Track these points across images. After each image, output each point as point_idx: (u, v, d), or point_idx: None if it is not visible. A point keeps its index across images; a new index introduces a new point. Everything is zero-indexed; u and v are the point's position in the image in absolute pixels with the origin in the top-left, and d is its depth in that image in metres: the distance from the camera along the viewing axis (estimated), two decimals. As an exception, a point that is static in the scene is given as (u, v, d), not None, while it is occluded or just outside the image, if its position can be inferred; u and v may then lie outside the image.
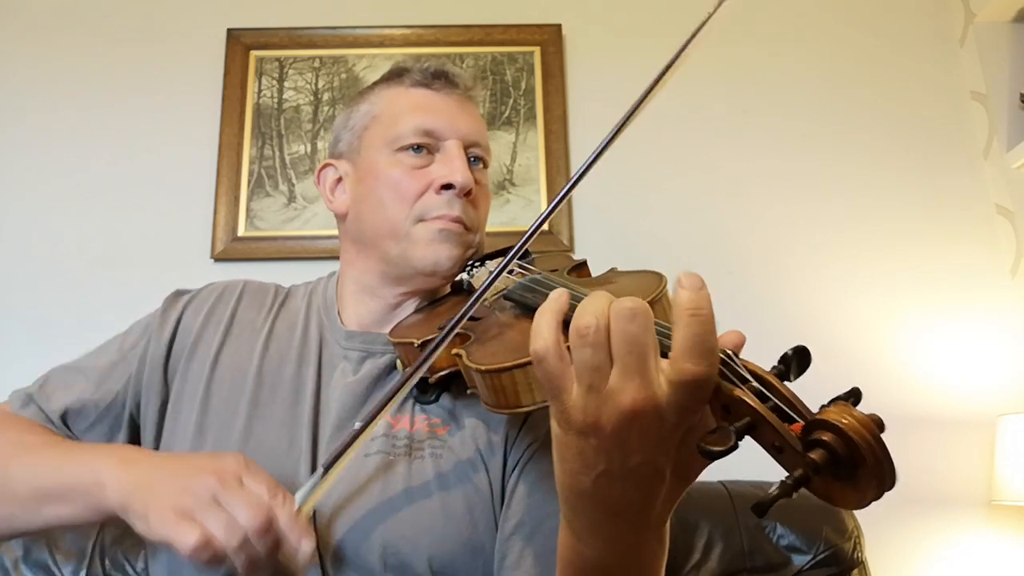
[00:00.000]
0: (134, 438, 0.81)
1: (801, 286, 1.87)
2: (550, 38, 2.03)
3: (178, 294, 0.88)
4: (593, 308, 0.44)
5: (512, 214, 1.89)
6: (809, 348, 0.46)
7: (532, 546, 0.68)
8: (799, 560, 1.41)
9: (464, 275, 0.83)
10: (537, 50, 2.02)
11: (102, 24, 2.02)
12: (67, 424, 0.78)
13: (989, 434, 1.68)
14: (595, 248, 1.86)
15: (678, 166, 1.96)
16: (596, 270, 0.83)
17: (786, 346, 0.48)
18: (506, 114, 1.97)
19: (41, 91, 1.96)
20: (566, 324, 0.46)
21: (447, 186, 0.79)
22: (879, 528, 1.63)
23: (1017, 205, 1.89)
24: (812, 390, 0.49)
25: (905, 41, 2.07)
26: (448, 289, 0.87)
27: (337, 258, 1.90)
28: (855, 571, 1.43)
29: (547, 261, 0.82)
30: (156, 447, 0.78)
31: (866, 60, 2.05)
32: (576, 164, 1.94)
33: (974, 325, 1.85)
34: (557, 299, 0.47)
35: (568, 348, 0.45)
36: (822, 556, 1.41)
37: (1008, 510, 1.69)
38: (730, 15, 2.16)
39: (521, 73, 2.01)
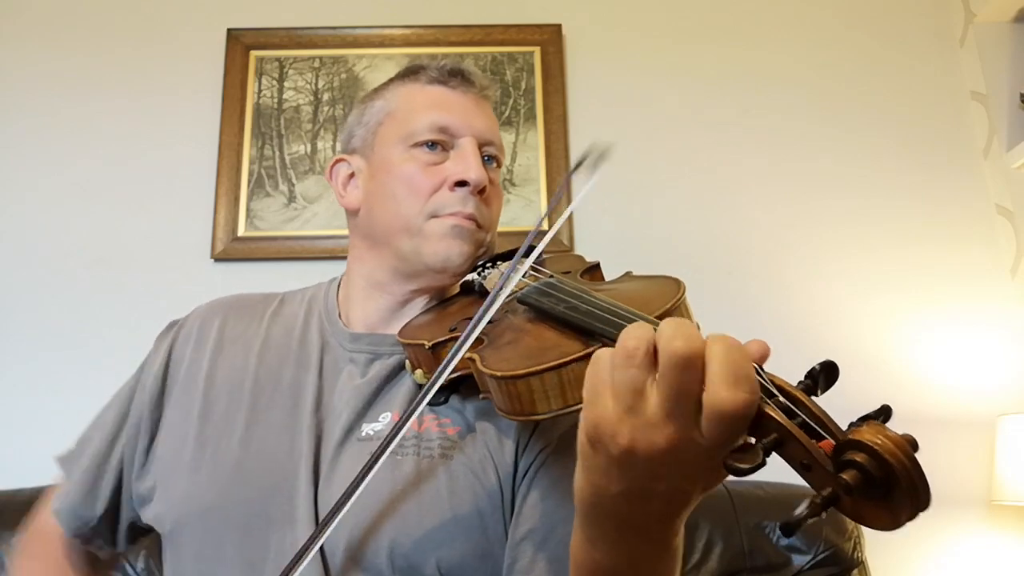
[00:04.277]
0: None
1: (801, 286, 1.87)
2: (550, 38, 2.03)
3: (169, 327, 0.88)
4: (641, 334, 0.43)
5: (512, 214, 1.89)
6: (812, 353, 0.46)
7: (544, 552, 0.68)
8: (799, 560, 1.41)
9: (474, 275, 0.82)
10: (537, 50, 2.02)
11: (102, 24, 2.02)
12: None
13: (989, 434, 1.68)
14: (595, 248, 1.86)
15: (678, 166, 1.96)
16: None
17: (785, 347, 0.48)
18: (506, 114, 1.98)
19: (41, 91, 1.96)
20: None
21: (461, 183, 0.78)
22: (879, 528, 1.63)
23: (1017, 205, 1.89)
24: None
25: (905, 41, 2.07)
26: (457, 289, 0.86)
27: (337, 258, 1.92)
28: (855, 571, 1.43)
29: (559, 263, 0.81)
30: (145, 468, 0.79)
31: (866, 60, 2.05)
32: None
33: (974, 325, 1.85)
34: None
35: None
36: (822, 556, 1.41)
37: (1008, 510, 1.69)
38: (728, 13, 2.13)
39: (521, 73, 2.01)
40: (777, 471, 0.43)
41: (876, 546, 1.54)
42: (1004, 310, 1.86)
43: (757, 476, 0.45)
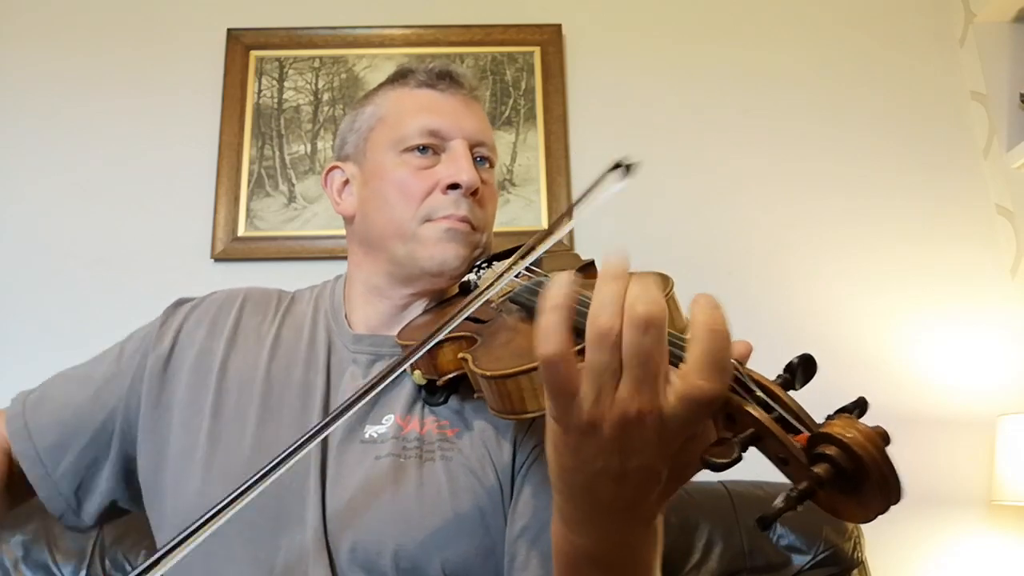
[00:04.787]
0: (123, 454, 0.79)
1: (801, 286, 1.87)
2: (550, 38, 2.03)
3: (179, 303, 0.87)
4: (613, 308, 0.42)
5: (512, 214, 1.89)
6: (812, 353, 0.45)
7: (538, 548, 0.68)
8: (799, 560, 1.41)
9: (472, 276, 0.82)
10: (537, 50, 2.02)
11: (102, 24, 2.02)
12: (56, 445, 0.78)
13: (989, 434, 1.68)
14: (595, 248, 1.85)
15: (678, 166, 1.96)
16: None
17: (785, 347, 0.47)
18: (506, 114, 1.98)
19: (41, 91, 1.96)
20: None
21: (453, 186, 0.78)
22: (879, 528, 1.62)
23: (1017, 205, 1.89)
24: (812, 390, 0.48)
25: (905, 41, 2.07)
26: (456, 290, 0.86)
27: (337, 258, 1.92)
28: (855, 571, 1.43)
29: (555, 261, 0.81)
30: (159, 458, 0.77)
31: (866, 60, 2.05)
32: (576, 164, 1.94)
33: (974, 325, 1.85)
34: (562, 292, 0.43)
35: (579, 350, 0.43)
36: (822, 556, 1.41)
37: (1008, 510, 1.69)
38: (735, 13, 2.12)
39: (521, 73, 2.01)
40: (777, 472, 0.43)
41: (876, 546, 1.53)
42: (1004, 310, 1.86)
43: (757, 476, 0.45)
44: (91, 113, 1.95)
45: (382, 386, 0.57)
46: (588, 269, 0.81)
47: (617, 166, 0.63)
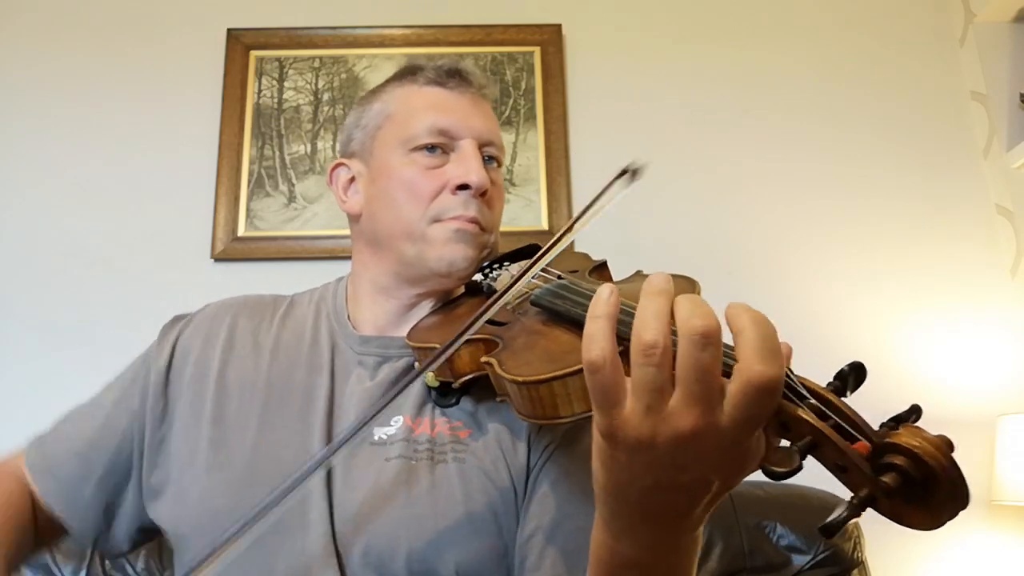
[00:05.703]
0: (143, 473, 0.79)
1: (801, 286, 1.87)
2: (550, 38, 2.03)
3: (175, 320, 0.87)
4: (657, 324, 0.42)
5: (512, 214, 1.89)
6: (812, 353, 0.45)
7: (552, 546, 0.67)
8: (799, 560, 1.41)
9: (479, 277, 0.81)
10: (537, 50, 2.02)
11: (102, 24, 2.02)
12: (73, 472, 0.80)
13: (989, 434, 1.68)
14: (594, 248, 1.85)
15: (678, 166, 1.96)
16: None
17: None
18: (506, 114, 1.98)
19: (41, 91, 1.96)
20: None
21: (463, 186, 0.77)
22: (879, 528, 1.63)
23: (1017, 205, 1.89)
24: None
25: (905, 41, 2.07)
26: (463, 290, 0.85)
27: (337, 258, 1.92)
28: (855, 571, 1.43)
29: (565, 261, 0.80)
30: (164, 471, 0.77)
31: (866, 60, 2.05)
32: (576, 164, 1.94)
33: (974, 325, 1.85)
34: (609, 302, 0.45)
35: (622, 357, 0.43)
36: (822, 556, 1.41)
37: (1008, 510, 1.69)
38: (733, 13, 2.11)
39: (521, 73, 2.01)
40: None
41: (876, 546, 1.53)
42: (1004, 310, 1.86)
43: (755, 476, 0.45)
44: (91, 113, 1.94)
45: (403, 390, 0.57)
46: (601, 270, 0.80)
47: (624, 172, 0.62)
